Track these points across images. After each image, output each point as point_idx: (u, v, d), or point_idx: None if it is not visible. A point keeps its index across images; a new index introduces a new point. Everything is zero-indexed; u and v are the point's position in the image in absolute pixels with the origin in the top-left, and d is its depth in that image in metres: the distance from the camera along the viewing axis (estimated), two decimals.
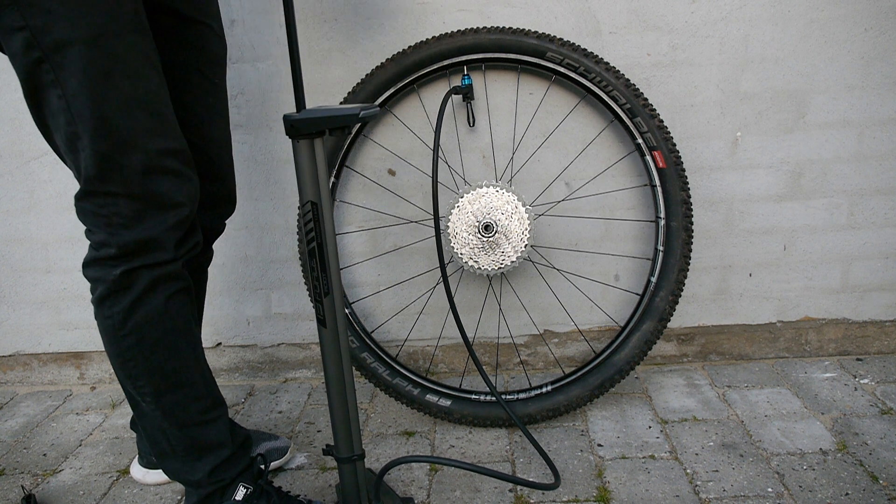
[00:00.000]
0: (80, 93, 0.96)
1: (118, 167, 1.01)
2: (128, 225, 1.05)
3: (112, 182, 1.02)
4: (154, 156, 1.03)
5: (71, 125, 0.99)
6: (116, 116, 0.99)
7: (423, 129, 1.69)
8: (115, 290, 1.07)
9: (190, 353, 1.16)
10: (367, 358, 1.61)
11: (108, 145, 0.99)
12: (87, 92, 0.96)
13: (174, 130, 1.07)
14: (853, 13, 1.58)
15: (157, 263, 1.08)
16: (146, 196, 1.04)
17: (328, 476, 1.44)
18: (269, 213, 1.76)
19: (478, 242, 1.52)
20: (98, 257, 1.07)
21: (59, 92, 0.97)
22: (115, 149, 1.00)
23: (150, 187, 1.04)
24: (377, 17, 1.62)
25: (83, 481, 1.48)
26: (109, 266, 1.07)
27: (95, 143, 0.99)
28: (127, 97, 0.99)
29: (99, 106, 0.97)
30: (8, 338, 1.91)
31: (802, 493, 1.29)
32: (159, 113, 1.04)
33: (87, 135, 0.99)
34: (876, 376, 1.69)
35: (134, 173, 1.02)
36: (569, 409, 1.55)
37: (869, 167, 1.67)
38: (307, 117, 1.00)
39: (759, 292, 1.77)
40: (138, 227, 1.05)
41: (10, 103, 1.72)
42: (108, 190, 1.03)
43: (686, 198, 1.52)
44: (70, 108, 0.98)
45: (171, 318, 1.12)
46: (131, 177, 1.02)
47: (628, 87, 1.50)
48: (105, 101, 0.98)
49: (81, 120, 0.98)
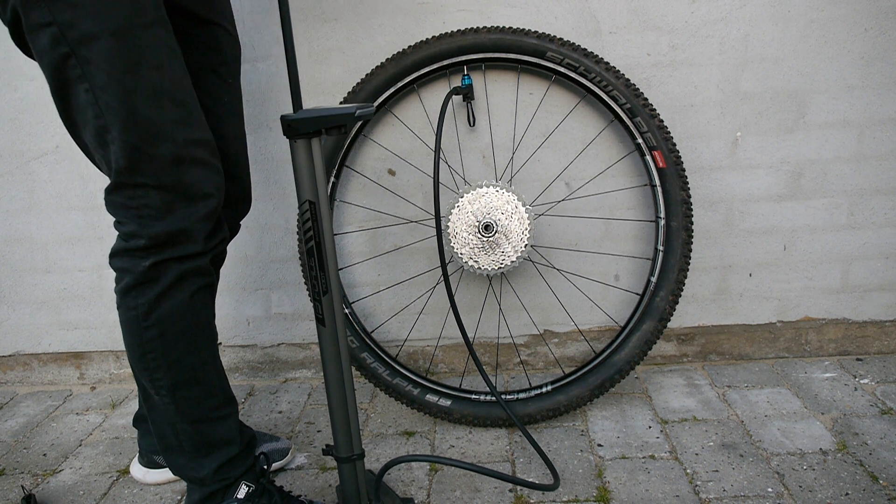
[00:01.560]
0: (108, 85, 0.97)
1: (148, 158, 1.02)
2: (158, 216, 1.05)
3: (142, 173, 1.02)
4: (183, 146, 1.04)
5: (99, 118, 0.99)
6: (145, 107, 0.99)
7: (424, 129, 1.69)
8: (142, 281, 1.08)
9: (209, 349, 1.17)
10: (366, 358, 1.61)
11: (138, 136, 1.00)
12: (115, 84, 0.97)
13: (201, 121, 1.08)
14: (853, 13, 1.58)
15: (187, 256, 1.08)
16: (176, 187, 1.05)
17: (328, 476, 1.44)
18: (269, 213, 1.76)
19: (478, 242, 1.52)
20: (127, 248, 1.07)
21: (86, 86, 0.98)
22: (144, 140, 1.00)
23: (181, 178, 1.04)
24: (377, 17, 1.62)
25: (83, 481, 1.48)
26: (138, 257, 1.07)
27: (125, 135, 0.99)
28: (154, 88, 1.00)
29: (127, 97, 0.98)
30: (8, 338, 1.91)
31: (802, 493, 1.29)
32: (186, 104, 1.05)
33: (117, 127, 0.99)
34: (876, 376, 1.69)
35: (164, 164, 1.03)
36: (569, 408, 1.55)
37: (869, 167, 1.67)
38: (304, 117, 1.00)
39: (759, 292, 1.77)
40: (169, 217, 1.05)
41: (10, 103, 1.72)
42: (138, 181, 1.03)
43: (686, 198, 1.52)
44: (98, 102, 0.98)
45: (195, 313, 1.13)
46: (161, 167, 1.03)
47: (628, 87, 1.50)
48: (133, 92, 0.98)
49: (110, 112, 0.98)
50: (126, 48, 0.97)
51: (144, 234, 1.05)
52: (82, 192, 1.77)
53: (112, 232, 1.79)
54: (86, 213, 1.79)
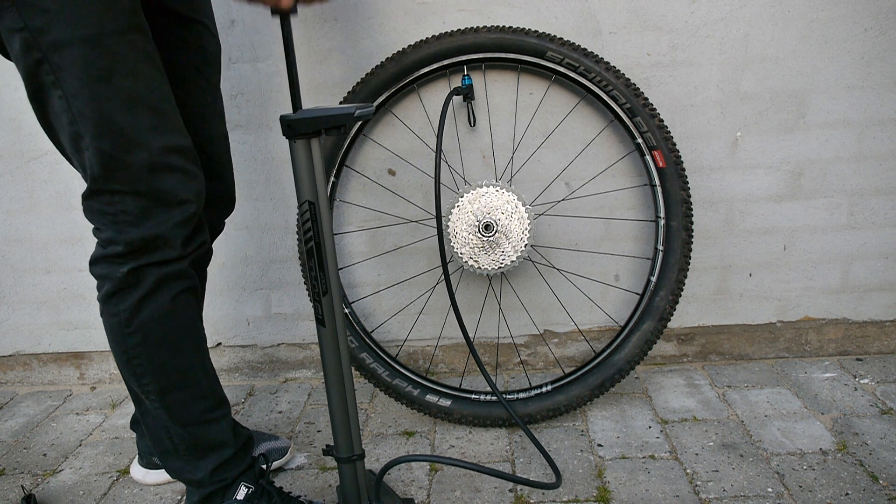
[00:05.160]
0: (80, 93, 0.96)
1: (123, 165, 1.01)
2: (134, 222, 1.05)
3: (117, 180, 1.02)
4: (158, 153, 1.03)
5: (73, 125, 0.99)
6: (118, 115, 0.99)
7: (424, 129, 1.69)
8: (122, 287, 1.08)
9: (195, 351, 1.17)
10: (366, 358, 1.61)
11: (112, 144, 1.00)
12: (88, 91, 0.96)
13: (178, 127, 1.07)
14: (853, 13, 1.58)
15: (164, 261, 1.08)
16: (152, 193, 1.04)
17: (328, 476, 1.44)
18: (269, 213, 1.76)
19: (478, 242, 1.52)
20: (105, 255, 1.07)
21: (59, 92, 0.97)
22: (118, 147, 1.00)
23: (156, 185, 1.04)
24: (377, 17, 1.62)
25: (83, 481, 1.48)
26: (116, 264, 1.07)
27: (98, 142, 0.99)
28: (128, 95, 0.99)
29: (100, 105, 0.97)
30: (8, 338, 1.91)
31: (802, 493, 1.29)
32: (162, 110, 1.04)
33: (90, 134, 0.99)
34: (876, 376, 1.69)
35: (139, 171, 1.02)
36: (569, 408, 1.55)
37: (869, 167, 1.67)
38: (303, 117, 1.00)
39: (759, 292, 1.77)
40: (145, 224, 1.05)
41: (9, 103, 1.72)
42: (113, 188, 1.03)
43: (686, 197, 1.52)
44: (71, 109, 0.98)
45: (178, 316, 1.12)
46: (136, 174, 1.02)
47: (628, 87, 1.50)
48: (106, 100, 0.98)
49: (83, 120, 0.98)
50: (98, 56, 0.95)
51: (121, 241, 1.05)
52: (82, 193, 1.77)
53: None
54: None
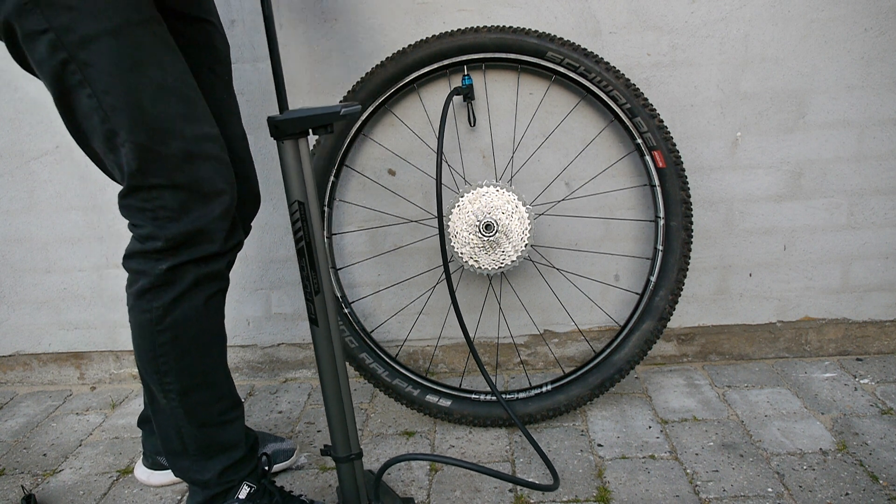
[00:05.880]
0: (111, 86, 0.96)
1: (159, 157, 1.01)
2: (174, 217, 1.04)
3: (155, 173, 1.02)
4: (192, 141, 1.03)
5: (106, 123, 0.98)
6: (151, 105, 0.98)
7: (424, 129, 1.69)
8: (158, 284, 1.07)
9: (219, 353, 1.17)
10: (366, 358, 1.61)
11: (147, 136, 0.99)
12: (119, 84, 0.96)
13: (206, 115, 1.07)
14: (853, 13, 1.58)
15: (204, 258, 1.08)
16: (190, 184, 1.04)
17: (328, 476, 1.44)
18: (269, 213, 1.76)
19: (478, 242, 1.52)
20: (144, 250, 1.06)
21: (88, 91, 0.96)
22: (153, 138, 0.99)
23: (193, 174, 1.03)
24: (377, 17, 1.62)
25: (83, 481, 1.48)
26: (154, 259, 1.06)
27: (134, 135, 0.98)
28: (158, 85, 0.99)
29: (132, 96, 0.97)
30: (8, 338, 1.91)
31: (802, 493, 1.29)
32: (191, 98, 1.04)
33: (125, 129, 0.98)
34: (876, 376, 1.69)
35: (175, 161, 1.02)
36: (569, 408, 1.55)
37: (869, 167, 1.67)
38: (289, 118, 1.01)
39: (759, 292, 1.77)
40: (185, 218, 1.04)
41: (10, 103, 1.72)
42: (151, 182, 1.02)
43: (686, 197, 1.52)
44: (102, 105, 0.97)
45: (209, 317, 1.12)
46: (173, 165, 1.02)
47: (628, 87, 1.50)
48: (137, 90, 0.97)
49: (116, 114, 0.97)
50: (126, 47, 0.96)
51: (161, 236, 1.04)
52: (82, 192, 1.77)
53: (112, 232, 1.80)
54: (86, 213, 1.79)
